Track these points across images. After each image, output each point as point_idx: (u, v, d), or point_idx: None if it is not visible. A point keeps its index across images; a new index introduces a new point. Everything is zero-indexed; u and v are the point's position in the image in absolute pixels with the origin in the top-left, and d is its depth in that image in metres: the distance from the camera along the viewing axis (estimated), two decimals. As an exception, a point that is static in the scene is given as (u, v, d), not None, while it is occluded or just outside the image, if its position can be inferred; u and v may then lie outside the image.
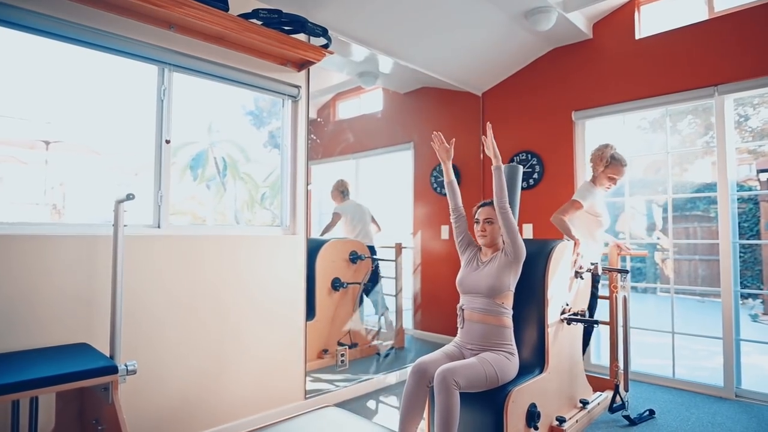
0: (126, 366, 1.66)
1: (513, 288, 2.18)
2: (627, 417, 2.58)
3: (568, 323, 2.49)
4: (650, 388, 3.17)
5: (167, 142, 2.29)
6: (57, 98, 2.58)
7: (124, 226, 1.82)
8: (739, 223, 3.16)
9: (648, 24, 3.40)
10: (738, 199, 3.15)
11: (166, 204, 2.28)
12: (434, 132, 2.35)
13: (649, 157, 4.04)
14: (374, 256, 3.69)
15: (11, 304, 1.78)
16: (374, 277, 3.64)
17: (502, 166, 2.22)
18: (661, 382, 3.26)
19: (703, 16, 3.16)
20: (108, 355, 1.76)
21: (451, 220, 2.39)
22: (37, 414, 1.74)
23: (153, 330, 2.14)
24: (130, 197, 1.76)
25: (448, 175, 2.36)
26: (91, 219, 2.48)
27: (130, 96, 2.53)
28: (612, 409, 2.65)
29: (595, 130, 3.69)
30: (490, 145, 2.23)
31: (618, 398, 2.65)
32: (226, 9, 2.19)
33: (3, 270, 1.76)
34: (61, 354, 1.72)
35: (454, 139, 2.37)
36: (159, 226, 2.25)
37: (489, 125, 2.28)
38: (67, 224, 2.01)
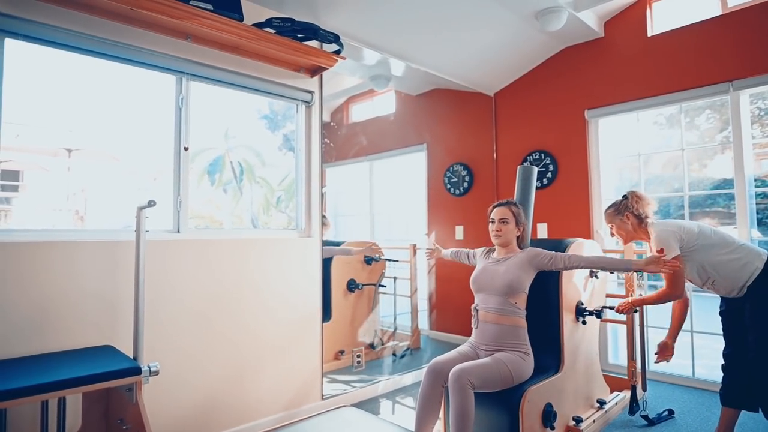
0: (149, 367, 1.72)
1: (527, 290, 2.19)
2: (646, 417, 2.56)
3: (583, 320, 2.48)
4: (669, 388, 3.13)
5: (185, 149, 2.35)
6: (79, 107, 2.66)
7: (146, 231, 1.89)
8: (760, 219, 3.11)
9: (660, 21, 3.37)
10: (758, 194, 3.10)
11: (185, 209, 2.34)
12: (426, 251, 2.70)
13: (667, 154, 3.99)
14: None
15: (39, 308, 1.86)
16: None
17: (634, 263, 2.19)
18: (680, 381, 3.22)
19: (716, 11, 3.12)
20: (131, 357, 1.82)
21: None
22: (65, 413, 1.81)
23: (174, 332, 2.20)
24: (151, 204, 1.81)
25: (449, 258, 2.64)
26: (112, 224, 2.55)
27: (149, 103, 2.61)
28: (632, 410, 2.63)
29: (608, 128, 3.66)
30: (663, 271, 2.10)
31: (639, 399, 2.63)
32: (241, 19, 2.25)
33: (30, 276, 1.84)
34: (86, 356, 1.78)
35: (438, 248, 2.68)
36: (179, 231, 2.32)
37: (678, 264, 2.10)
38: (90, 230, 2.08)
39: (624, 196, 2.43)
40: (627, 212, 2.36)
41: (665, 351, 2.42)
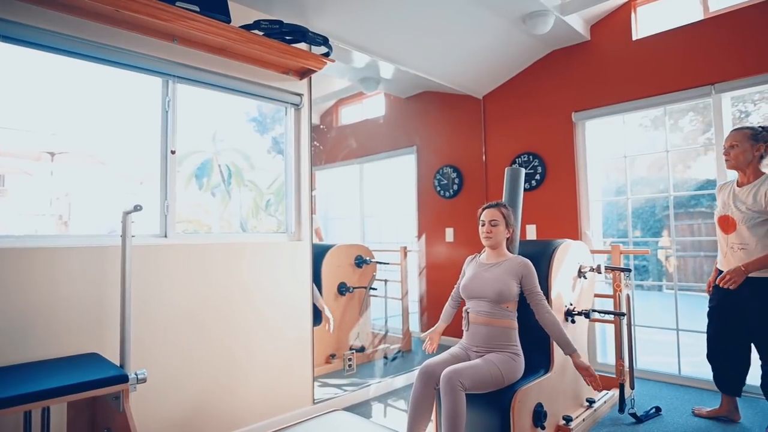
0: (136, 375, 1.69)
1: (517, 296, 2.20)
2: (633, 414, 2.59)
3: (572, 319, 2.50)
4: (657, 386, 3.17)
5: (172, 152, 2.32)
6: (62, 110, 2.61)
7: (132, 236, 1.86)
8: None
9: (644, 25, 3.43)
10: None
11: (172, 214, 2.31)
12: (426, 348, 2.39)
13: (652, 155, 4.06)
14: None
15: (22, 316, 1.81)
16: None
17: (574, 353, 2.11)
18: (667, 379, 3.27)
19: (699, 16, 3.19)
20: (118, 365, 1.79)
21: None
22: (48, 424, 1.77)
23: (162, 338, 2.17)
24: (137, 208, 1.79)
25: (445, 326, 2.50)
26: (96, 228, 2.51)
27: (135, 106, 2.57)
28: (622, 408, 2.66)
29: (595, 131, 3.71)
30: (586, 381, 2.09)
31: (627, 397, 2.67)
32: (228, 21, 2.23)
33: (13, 283, 1.80)
34: (71, 364, 1.75)
35: (433, 332, 2.44)
36: (166, 236, 2.28)
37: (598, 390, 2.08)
38: (74, 236, 2.04)
39: (766, 129, 2.28)
40: (763, 143, 2.23)
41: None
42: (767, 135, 2.27)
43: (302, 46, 2.67)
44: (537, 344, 2.37)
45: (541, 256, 2.45)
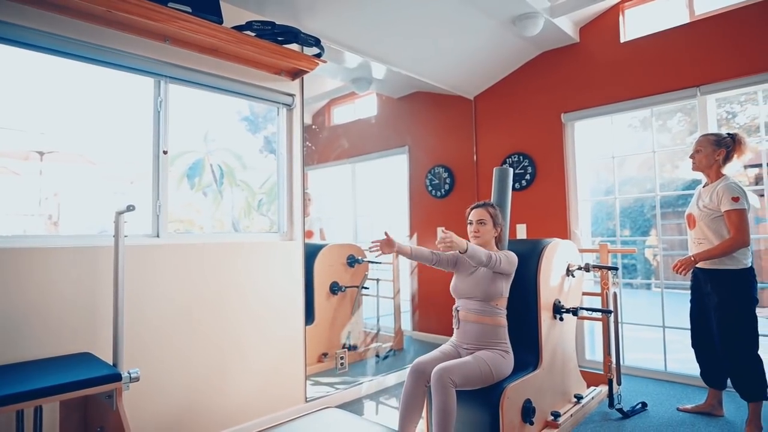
0: (129, 373, 1.69)
1: (506, 294, 2.24)
2: (620, 410, 2.64)
3: (560, 317, 2.54)
4: (643, 382, 3.23)
5: (164, 152, 2.33)
6: (52, 110, 2.60)
7: (125, 236, 1.86)
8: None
9: (632, 27, 3.48)
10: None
11: (164, 214, 2.32)
12: (373, 244, 2.18)
13: (642, 155, 4.13)
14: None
15: (14, 316, 1.82)
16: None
17: (468, 249, 2.03)
18: (653, 375, 3.33)
19: (685, 19, 3.25)
20: (111, 364, 1.80)
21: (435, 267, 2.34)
22: (41, 423, 1.77)
23: (155, 338, 2.18)
24: (130, 208, 1.80)
25: (409, 257, 2.28)
26: (86, 228, 2.51)
27: (127, 106, 2.57)
28: (611, 403, 2.71)
29: (584, 131, 3.76)
30: (450, 241, 2.00)
31: (614, 393, 2.71)
32: (221, 22, 2.24)
33: (5, 283, 1.80)
34: (64, 363, 1.75)
35: (386, 240, 2.19)
36: (158, 236, 2.29)
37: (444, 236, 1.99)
38: (66, 236, 2.04)
39: (731, 135, 2.44)
40: (724, 148, 2.42)
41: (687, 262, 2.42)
42: (729, 141, 2.44)
43: (294, 46, 2.68)
44: (526, 341, 2.41)
45: (530, 254, 2.49)
